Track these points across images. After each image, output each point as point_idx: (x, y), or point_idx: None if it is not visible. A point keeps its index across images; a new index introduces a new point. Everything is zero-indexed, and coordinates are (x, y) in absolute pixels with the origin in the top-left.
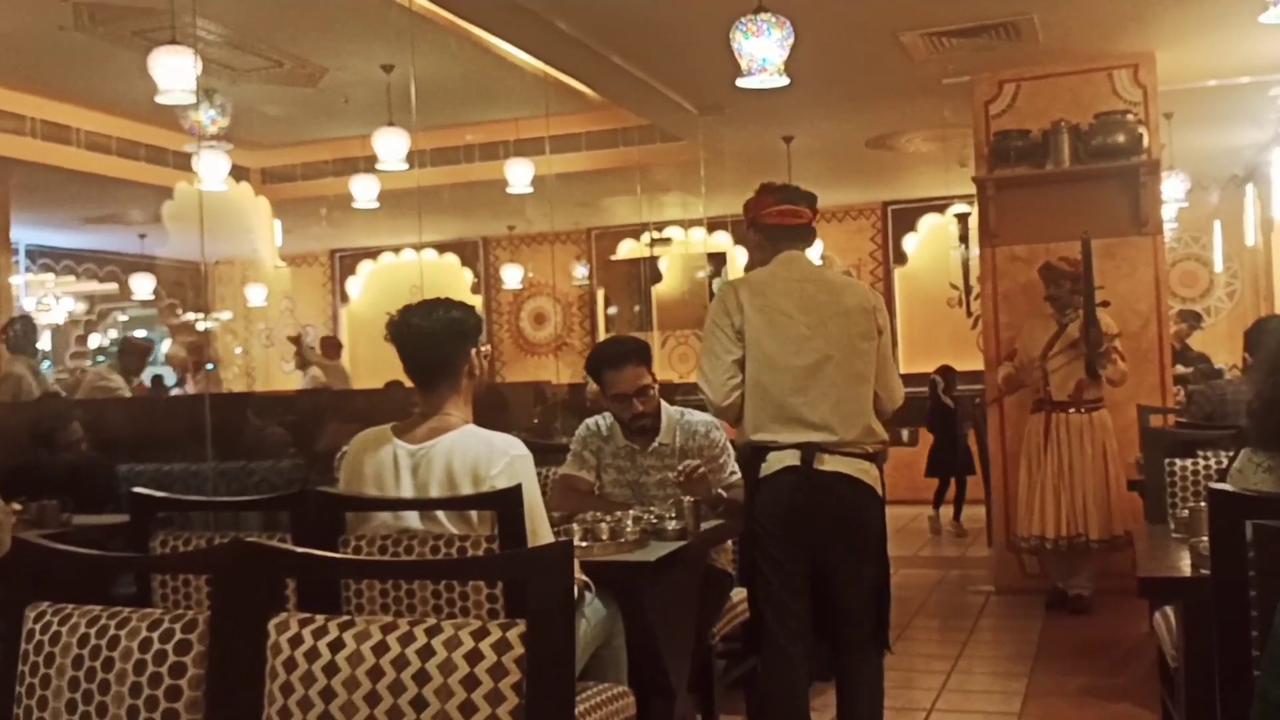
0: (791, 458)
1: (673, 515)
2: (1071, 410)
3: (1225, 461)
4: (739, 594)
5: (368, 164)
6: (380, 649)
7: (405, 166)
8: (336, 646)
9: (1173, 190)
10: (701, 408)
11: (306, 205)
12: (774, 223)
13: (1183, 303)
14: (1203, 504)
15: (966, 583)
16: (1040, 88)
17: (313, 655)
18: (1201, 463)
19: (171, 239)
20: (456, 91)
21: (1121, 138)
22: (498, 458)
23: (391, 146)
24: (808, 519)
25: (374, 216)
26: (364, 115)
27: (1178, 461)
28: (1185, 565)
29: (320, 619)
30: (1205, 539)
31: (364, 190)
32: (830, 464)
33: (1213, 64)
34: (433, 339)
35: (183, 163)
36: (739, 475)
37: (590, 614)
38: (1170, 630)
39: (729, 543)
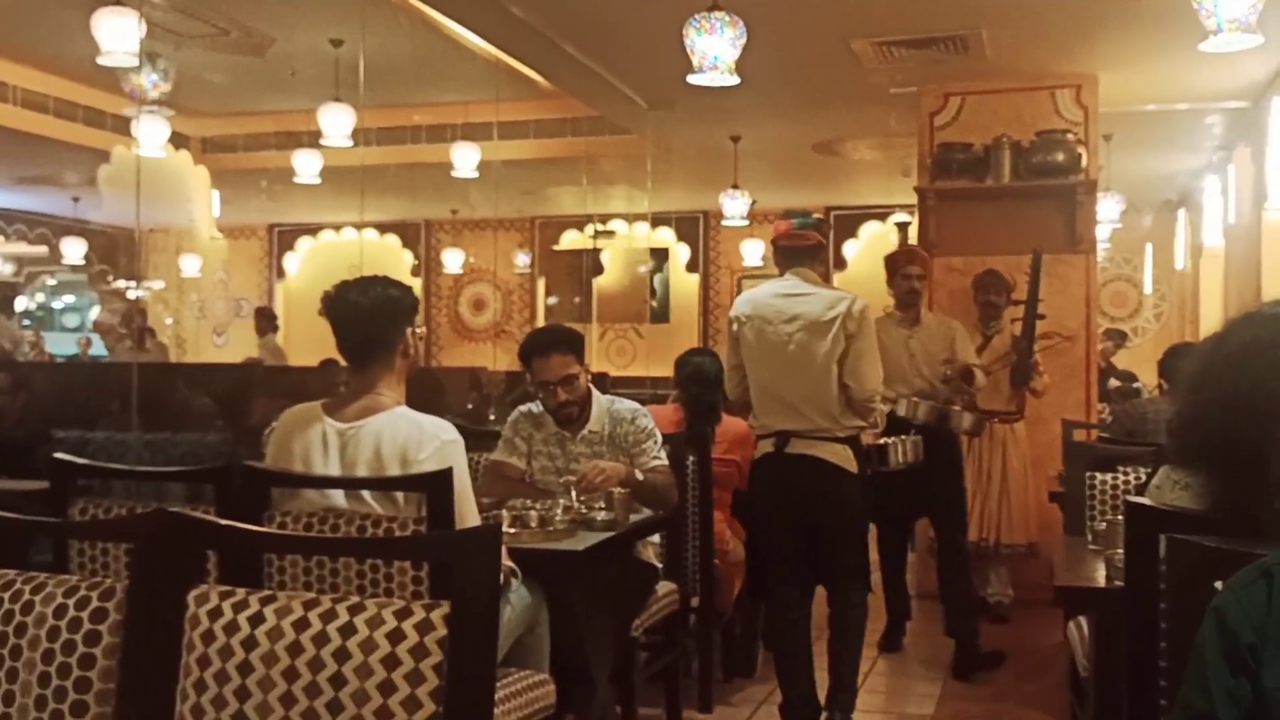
0: (769, 445)
1: (602, 506)
2: (995, 420)
3: (1144, 477)
4: (664, 587)
5: (311, 139)
6: (301, 625)
7: (350, 143)
8: (256, 621)
9: (1108, 211)
10: (636, 400)
11: (247, 177)
12: (784, 244)
13: (1111, 322)
14: (1120, 517)
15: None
16: (985, 102)
17: (232, 629)
18: (1121, 478)
19: (106, 204)
20: (406, 71)
21: (1061, 156)
22: (427, 441)
23: (337, 122)
24: (782, 492)
25: (315, 192)
26: (310, 89)
27: (1098, 476)
28: (1100, 576)
29: (241, 592)
30: (1121, 551)
31: (306, 165)
32: (798, 447)
33: (1153, 89)
34: (368, 316)
35: (121, 127)
36: (663, 461)
37: (515, 600)
38: (1083, 640)
39: (656, 536)
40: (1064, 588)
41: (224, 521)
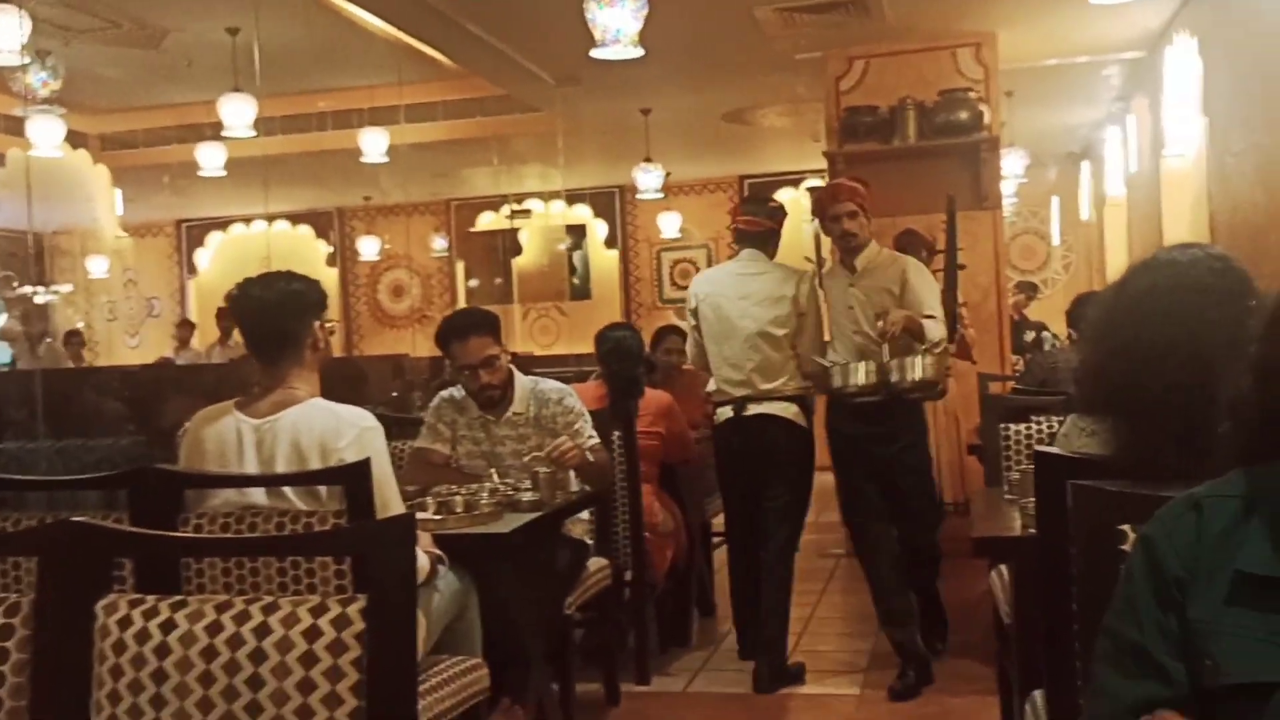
0: (729, 411)
1: (528, 486)
2: None
3: (1056, 426)
4: (595, 564)
5: (214, 131)
6: (214, 629)
7: (253, 134)
8: (168, 627)
9: (1012, 166)
10: (561, 378)
11: (149, 173)
12: (740, 228)
13: (1021, 274)
14: (1032, 466)
15: (820, 547)
16: (888, 65)
17: (143, 637)
18: (1035, 428)
19: (3, 208)
20: (305, 56)
21: (964, 115)
22: (346, 429)
23: (238, 113)
24: (742, 453)
25: (221, 185)
26: (209, 80)
27: (1013, 427)
28: (1016, 526)
29: (151, 600)
30: (1033, 500)
31: (210, 158)
32: (752, 410)
33: (1051, 44)
34: (274, 311)
35: (14, 127)
36: (596, 439)
37: (443, 587)
38: (1004, 588)
39: (586, 513)
40: (981, 538)
41: (130, 529)
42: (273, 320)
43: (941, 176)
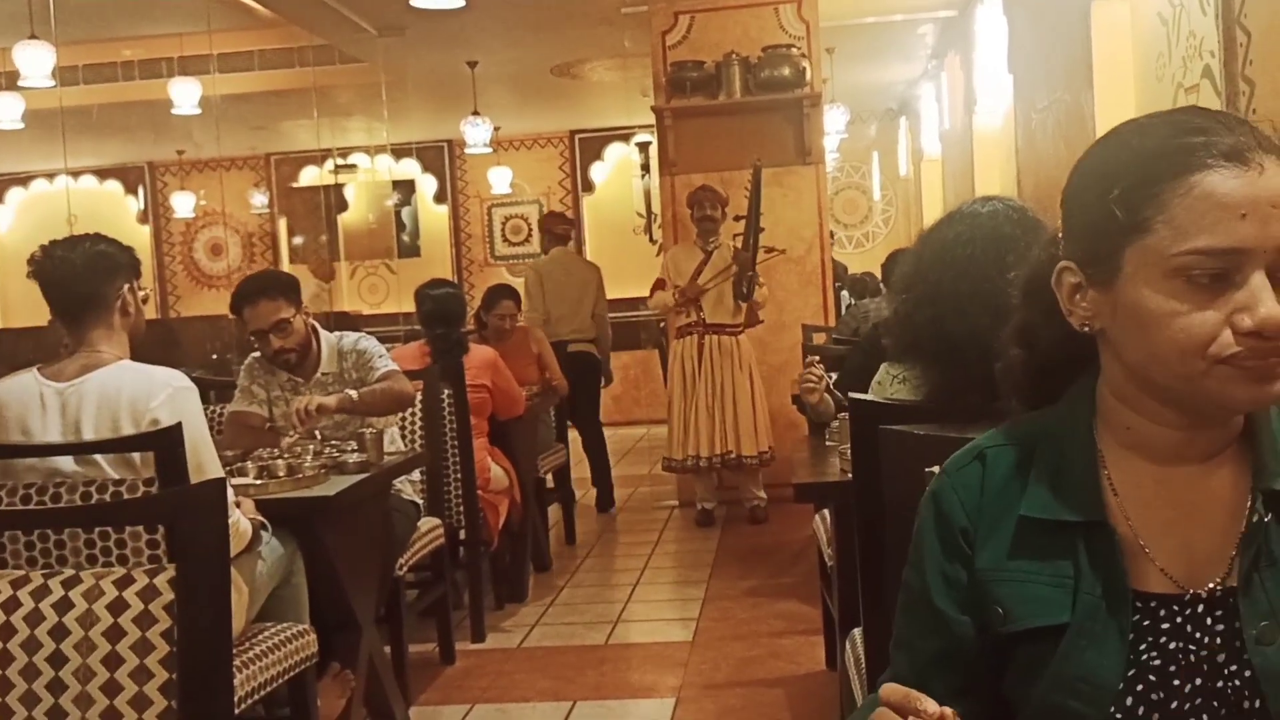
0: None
1: (354, 448)
2: (725, 334)
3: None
4: (428, 523)
5: (9, 81)
6: (11, 605)
7: (52, 83)
8: None
9: (834, 122)
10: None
11: None
12: (550, 229)
13: (844, 229)
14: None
15: (654, 499)
16: (713, 20)
17: None
18: None
19: None
20: (106, 2)
21: (787, 71)
22: (158, 390)
23: (34, 60)
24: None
25: (19, 139)
26: (2, 27)
27: (834, 375)
28: (836, 471)
29: None
30: (849, 445)
31: (6, 109)
32: (574, 347)
33: (869, 3)
34: (80, 273)
35: None
36: (389, 365)
37: (267, 554)
38: (827, 531)
39: (416, 472)
40: (802, 484)
41: None
42: (78, 283)
43: (765, 132)
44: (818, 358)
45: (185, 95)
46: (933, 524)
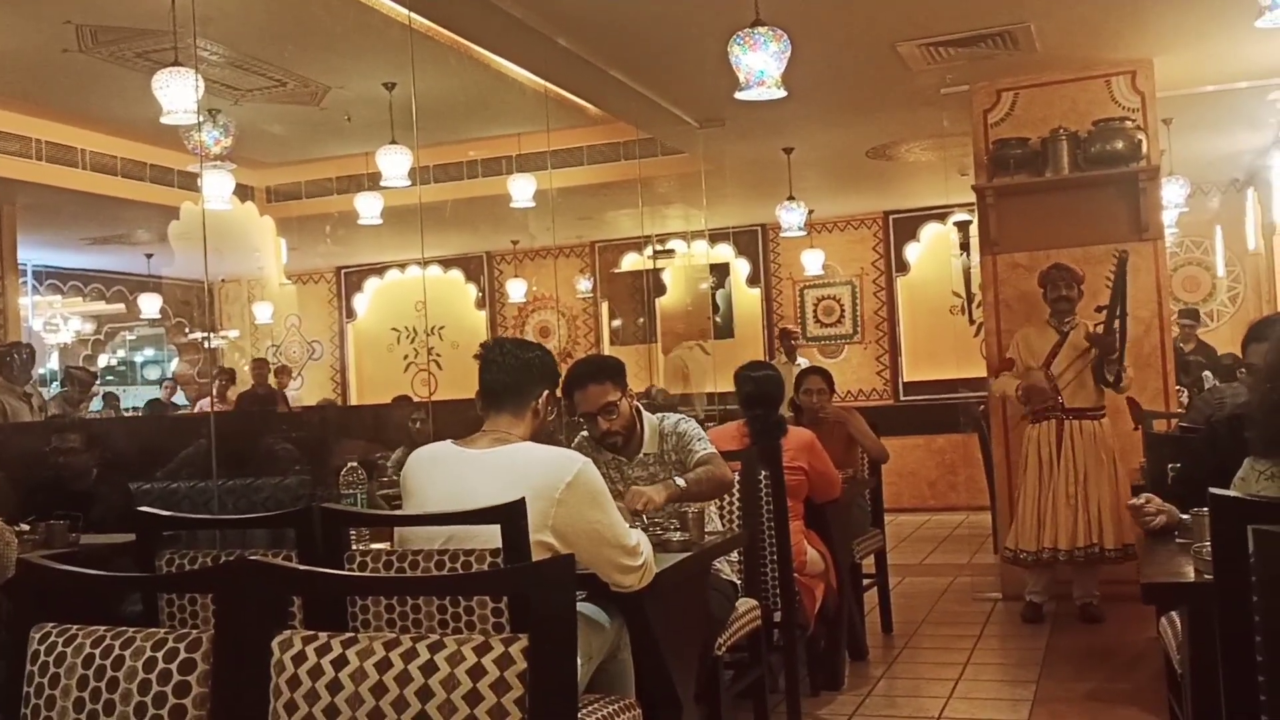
0: None
1: (676, 526)
2: (1087, 418)
3: None
4: (745, 604)
5: (371, 181)
6: (383, 665)
7: (408, 183)
8: (340, 664)
9: (1173, 196)
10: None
11: (311, 223)
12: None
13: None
14: (1204, 510)
15: (973, 589)
16: (1038, 95)
17: (316, 673)
18: None
19: (178, 259)
20: (458, 108)
21: (1120, 144)
22: (567, 465)
23: (394, 163)
24: None
25: (378, 233)
26: (367, 133)
27: (1178, 465)
28: (1189, 571)
29: (324, 636)
30: (1208, 544)
31: (368, 207)
32: None
33: (1210, 69)
34: (511, 368)
35: (188, 182)
36: (708, 448)
37: (597, 627)
38: (1176, 635)
39: (735, 553)
40: (1152, 584)
41: (301, 567)
42: (508, 375)
43: (1097, 208)
44: (1148, 497)
45: (522, 190)
46: None
